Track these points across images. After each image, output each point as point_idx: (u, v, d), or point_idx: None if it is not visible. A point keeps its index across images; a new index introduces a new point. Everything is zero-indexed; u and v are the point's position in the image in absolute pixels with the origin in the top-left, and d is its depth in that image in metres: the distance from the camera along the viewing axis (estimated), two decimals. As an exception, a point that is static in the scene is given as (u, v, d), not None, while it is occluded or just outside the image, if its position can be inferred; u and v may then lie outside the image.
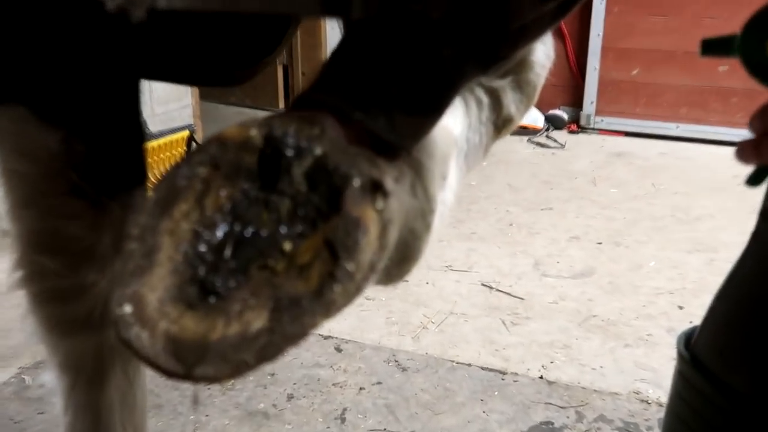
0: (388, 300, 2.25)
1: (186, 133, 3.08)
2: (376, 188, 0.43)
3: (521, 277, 2.43)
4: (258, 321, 0.40)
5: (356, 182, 0.43)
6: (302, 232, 0.43)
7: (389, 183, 0.44)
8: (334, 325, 2.08)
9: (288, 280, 0.41)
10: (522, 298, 2.28)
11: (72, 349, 0.90)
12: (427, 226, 0.54)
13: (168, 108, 3.18)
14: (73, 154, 0.78)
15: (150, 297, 0.40)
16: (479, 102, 0.65)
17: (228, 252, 0.42)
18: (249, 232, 0.43)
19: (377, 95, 0.48)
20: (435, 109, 0.49)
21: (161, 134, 2.95)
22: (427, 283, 2.36)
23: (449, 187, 0.59)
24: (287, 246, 0.43)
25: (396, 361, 1.92)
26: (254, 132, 0.44)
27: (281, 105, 4.88)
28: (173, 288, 0.41)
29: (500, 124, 0.68)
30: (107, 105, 0.81)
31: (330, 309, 0.41)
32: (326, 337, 2.02)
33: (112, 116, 0.82)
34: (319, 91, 0.49)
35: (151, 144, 2.84)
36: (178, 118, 3.26)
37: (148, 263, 0.41)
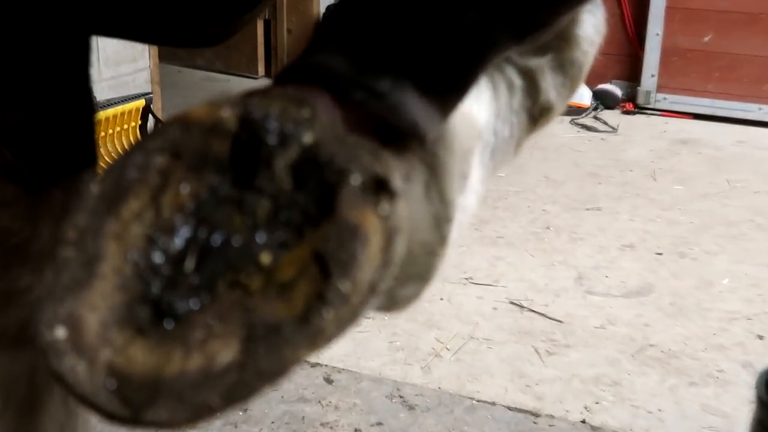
0: (392, 319, 2.25)
1: (141, 102, 3.09)
2: (379, 188, 0.43)
3: (560, 294, 2.43)
4: (226, 353, 0.40)
5: (355, 179, 0.43)
6: (285, 241, 0.43)
7: (396, 181, 0.44)
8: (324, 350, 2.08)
9: (265, 302, 0.41)
10: (560, 321, 2.28)
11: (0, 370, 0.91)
12: (443, 238, 0.54)
13: (119, 71, 3.20)
14: (5, 125, 0.78)
15: (90, 319, 0.40)
16: (511, 85, 0.65)
17: (190, 264, 0.42)
18: (217, 239, 0.43)
19: (384, 68, 0.48)
20: (456, 89, 0.49)
21: (110, 104, 2.96)
22: (442, 298, 2.37)
23: (471, 189, 0.59)
24: (265, 258, 0.43)
25: (401, 397, 1.92)
26: (227, 113, 0.44)
27: (261, 70, 4.89)
28: (119, 308, 0.41)
29: (536, 113, 0.68)
30: (49, 64, 0.81)
31: (317, 339, 0.41)
32: (313, 365, 2.02)
33: (54, 79, 0.82)
34: (310, 61, 0.49)
35: (97, 116, 2.85)
36: (131, 83, 3.27)
37: (88, 276, 0.41)
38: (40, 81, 0.80)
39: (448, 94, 0.50)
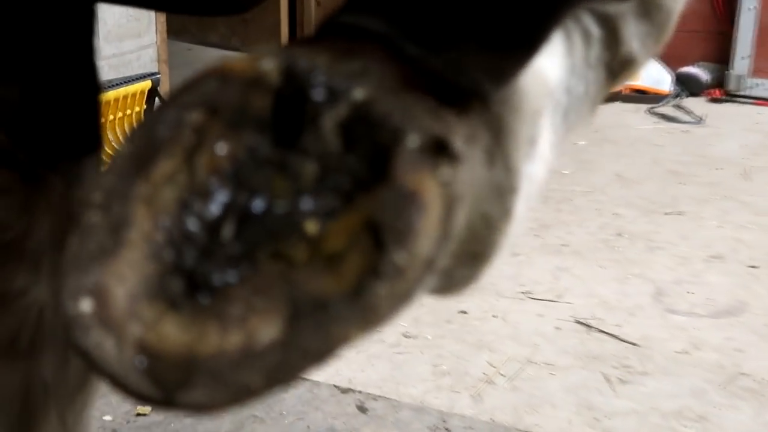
0: (437, 339, 2.26)
1: (146, 84, 3.13)
2: (439, 150, 0.45)
3: (635, 313, 2.42)
4: (267, 330, 0.42)
5: (412, 140, 0.44)
6: (332, 208, 0.44)
7: (458, 144, 0.45)
8: (357, 374, 2.09)
9: (311, 275, 0.43)
10: (635, 344, 2.27)
11: None
12: (506, 211, 0.55)
13: (122, 48, 3.24)
14: (2, 103, 0.80)
15: (118, 291, 0.42)
16: (587, 35, 0.65)
17: (227, 232, 0.44)
18: (257, 205, 0.44)
19: (441, 19, 0.49)
20: (526, 42, 0.50)
21: (111, 85, 3.00)
22: (495, 316, 2.37)
23: (540, 156, 0.60)
24: (311, 227, 0.44)
25: (446, 430, 1.92)
26: (269, 65, 0.46)
27: (283, 48, 4.90)
28: (150, 279, 0.42)
29: (616, 66, 0.68)
30: (48, 34, 0.82)
31: (369, 317, 0.42)
32: (344, 390, 2.04)
33: (54, 51, 0.83)
34: (356, 13, 0.51)
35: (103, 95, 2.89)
36: (135, 62, 3.31)
37: (116, 243, 0.43)
38: (38, 53, 0.81)
39: (517, 49, 0.51)
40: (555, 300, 2.47)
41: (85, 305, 0.41)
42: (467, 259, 0.54)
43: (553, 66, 0.61)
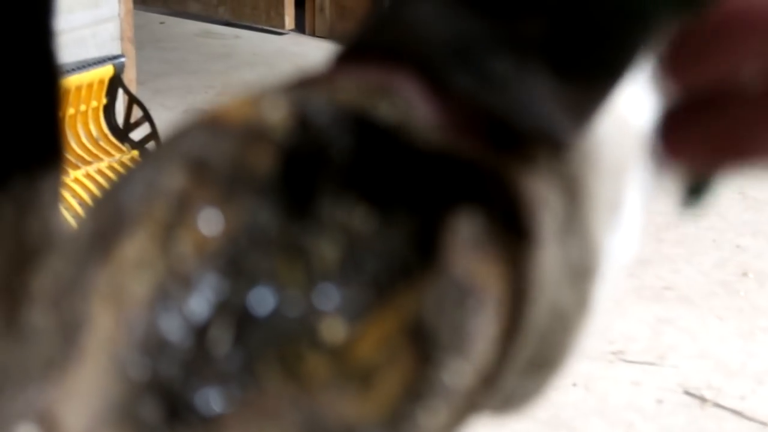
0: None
1: (106, 71, 3.14)
2: (504, 226, 0.44)
3: (764, 381, 2.41)
4: None
5: (466, 212, 0.44)
6: (359, 304, 0.44)
7: (529, 216, 0.45)
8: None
9: (334, 398, 0.42)
10: (766, 423, 2.26)
11: None
12: (583, 301, 0.54)
13: (72, 22, 3.25)
14: None
15: (72, 419, 0.42)
16: None
17: (219, 338, 0.44)
18: (260, 300, 0.44)
19: (502, 34, 0.49)
20: (610, 72, 0.50)
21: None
22: (575, 384, 2.37)
23: (625, 224, 0.59)
24: (332, 331, 0.44)
25: None
26: (274, 112, 0.46)
27: (289, 21, 4.93)
28: (115, 403, 0.42)
29: None
30: None
31: None
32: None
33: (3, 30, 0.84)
34: (387, 31, 0.51)
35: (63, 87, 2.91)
36: (91, 41, 3.32)
37: (68, 353, 0.43)
38: None
39: (598, 79, 0.51)
40: (656, 363, 2.47)
41: None
42: (531, 367, 0.54)
43: (638, 103, 0.61)
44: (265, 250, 0.45)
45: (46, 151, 0.88)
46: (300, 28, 4.94)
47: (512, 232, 0.45)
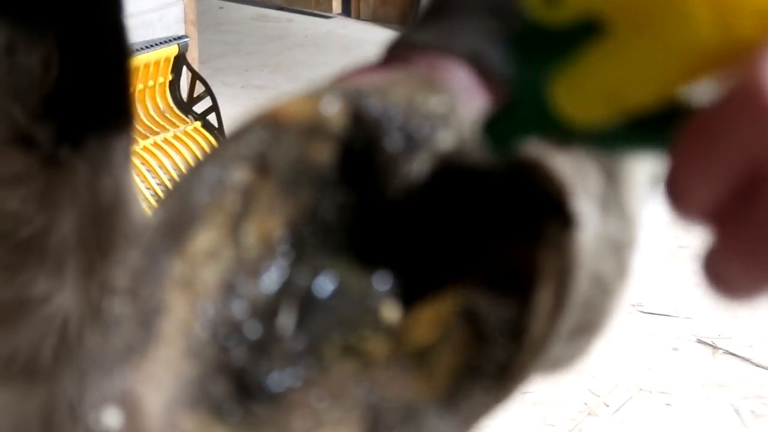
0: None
1: (172, 49, 3.15)
2: (554, 211, 0.43)
3: (775, 330, 2.40)
4: None
5: (516, 197, 0.44)
6: (421, 288, 0.43)
7: (575, 198, 0.44)
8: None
9: (394, 376, 0.42)
10: (775, 369, 2.25)
11: (4, 409, 0.93)
12: (622, 269, 0.54)
13: (140, 6, 3.26)
14: (17, 71, 0.81)
15: (151, 399, 0.41)
16: None
17: (285, 321, 0.43)
18: (323, 286, 0.44)
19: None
20: None
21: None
22: (598, 334, 2.36)
23: (659, 197, 0.59)
24: (391, 313, 0.43)
25: (540, 474, 1.93)
26: (330, 108, 0.45)
27: (336, 6, 4.92)
28: (190, 383, 0.42)
29: None
30: None
31: (471, 426, 0.41)
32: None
33: (81, 7, 0.84)
34: (435, 27, 0.50)
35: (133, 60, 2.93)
36: (158, 23, 3.34)
37: (147, 339, 0.42)
38: (60, 12, 0.82)
39: None
40: (671, 314, 2.46)
41: (112, 418, 0.41)
42: (575, 332, 0.53)
43: None
44: (327, 238, 0.45)
45: (117, 116, 0.88)
46: (346, 12, 4.95)
47: (559, 214, 0.44)
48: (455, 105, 0.46)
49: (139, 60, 3.04)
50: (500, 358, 0.42)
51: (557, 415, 2.09)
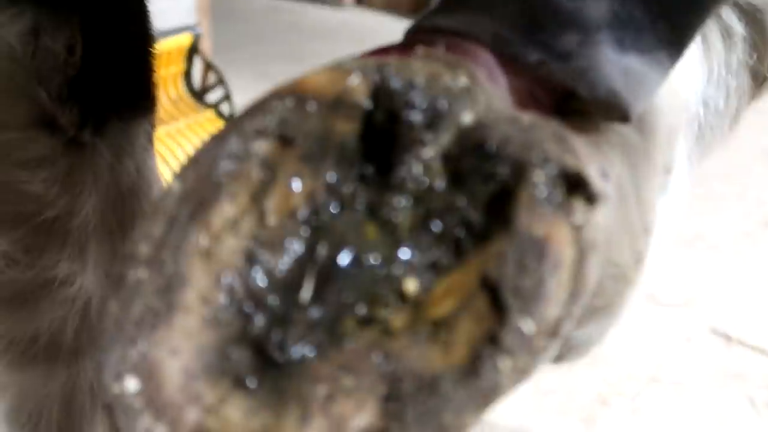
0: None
1: (185, 39, 3.15)
2: (573, 188, 0.43)
3: (786, 323, 2.39)
4: (360, 417, 0.41)
5: (538, 176, 0.43)
6: (438, 261, 0.44)
7: (595, 179, 0.44)
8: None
9: (413, 347, 0.42)
10: (787, 362, 2.25)
11: (27, 390, 0.93)
12: (638, 256, 0.54)
13: (155, -5, 3.26)
14: (43, 54, 0.81)
15: (170, 366, 0.41)
16: (728, 34, 0.64)
17: (306, 292, 0.43)
18: (343, 258, 0.44)
19: (568, 14, 0.48)
20: (676, 42, 0.49)
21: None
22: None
23: (675, 186, 0.59)
24: (411, 285, 0.43)
25: (551, 463, 1.93)
26: (355, 81, 0.45)
27: (350, -5, 4.94)
28: (210, 351, 0.42)
29: (765, 71, 0.67)
30: None
31: (488, 399, 0.41)
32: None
33: None
34: (457, 12, 0.50)
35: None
36: (170, 12, 3.33)
37: (167, 306, 0.42)
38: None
39: (664, 49, 0.49)
40: (685, 305, 2.45)
41: (131, 384, 0.41)
42: (590, 317, 0.53)
43: (686, 74, 0.60)
44: (348, 211, 0.45)
45: (140, 100, 0.89)
46: (359, 1, 4.96)
47: (580, 194, 0.44)
48: (476, 83, 0.46)
49: (147, 49, 3.04)
50: (522, 329, 0.42)
51: (570, 404, 2.09)
